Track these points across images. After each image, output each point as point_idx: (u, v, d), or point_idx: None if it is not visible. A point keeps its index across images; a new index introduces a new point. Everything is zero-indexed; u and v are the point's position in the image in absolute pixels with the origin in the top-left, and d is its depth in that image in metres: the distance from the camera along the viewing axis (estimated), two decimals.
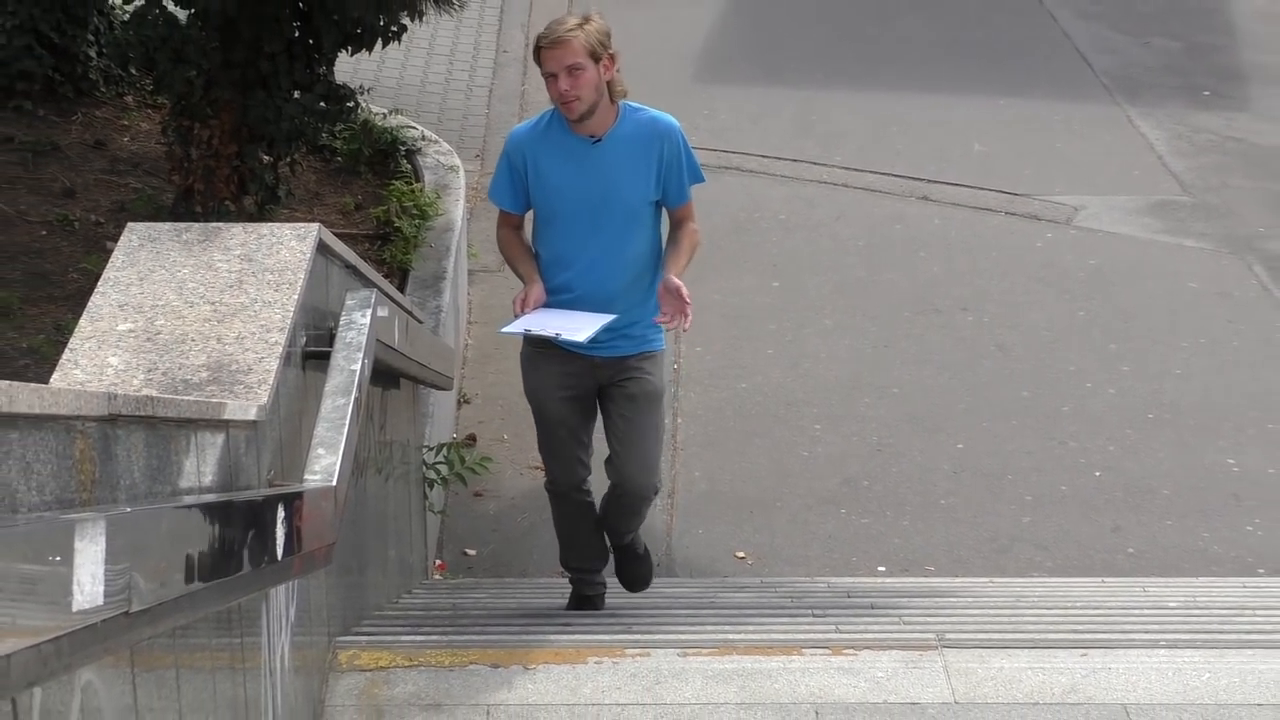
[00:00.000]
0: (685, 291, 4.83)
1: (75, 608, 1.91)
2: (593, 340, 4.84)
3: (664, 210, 5.14)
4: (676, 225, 5.14)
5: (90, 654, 2.14)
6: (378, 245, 8.36)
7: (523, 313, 4.87)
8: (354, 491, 4.29)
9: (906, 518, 7.39)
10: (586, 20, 4.80)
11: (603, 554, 5.59)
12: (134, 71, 9.22)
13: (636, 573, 5.61)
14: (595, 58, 4.74)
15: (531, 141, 4.99)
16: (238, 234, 4.41)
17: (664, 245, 5.14)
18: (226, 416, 3.31)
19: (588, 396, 5.17)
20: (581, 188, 4.94)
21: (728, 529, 7.20)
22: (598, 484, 5.43)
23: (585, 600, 5.59)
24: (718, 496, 7.37)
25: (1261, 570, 7.02)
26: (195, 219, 6.94)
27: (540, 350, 5.08)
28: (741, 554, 6.98)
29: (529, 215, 5.19)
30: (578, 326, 4.80)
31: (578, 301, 4.95)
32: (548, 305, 4.95)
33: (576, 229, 4.98)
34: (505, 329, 5.00)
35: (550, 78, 4.79)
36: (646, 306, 5.04)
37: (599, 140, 4.91)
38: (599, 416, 5.27)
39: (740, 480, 7.55)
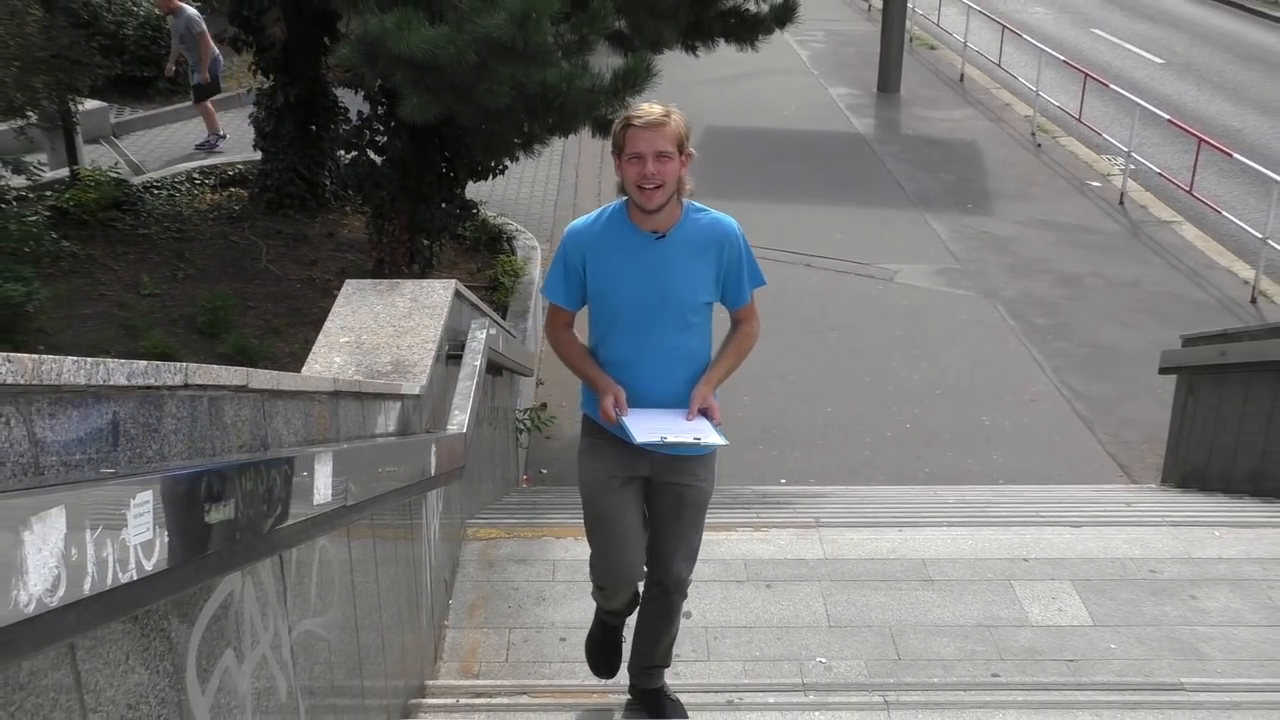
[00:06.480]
0: (713, 406, 2.94)
1: (315, 501, 1.91)
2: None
3: (723, 308, 3.09)
4: (734, 324, 3.12)
5: (323, 529, 2.14)
6: (490, 292, 8.35)
7: (621, 417, 2.88)
8: (476, 436, 4.30)
9: (798, 451, 7.37)
10: (673, 111, 2.86)
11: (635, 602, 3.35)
12: (350, 192, 9.23)
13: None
14: (679, 149, 2.86)
15: (590, 239, 2.94)
16: (409, 286, 4.42)
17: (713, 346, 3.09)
18: (402, 392, 3.31)
19: (639, 489, 3.07)
20: (640, 285, 2.90)
21: None
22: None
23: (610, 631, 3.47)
24: None
25: (1002, 480, 7.01)
26: (384, 277, 6.93)
27: (599, 440, 3.06)
28: None
29: (583, 313, 3.08)
30: (680, 428, 2.87)
31: (635, 401, 2.93)
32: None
33: (634, 329, 2.93)
34: (639, 441, 2.81)
35: (635, 159, 2.82)
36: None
37: (662, 237, 2.91)
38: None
39: None
